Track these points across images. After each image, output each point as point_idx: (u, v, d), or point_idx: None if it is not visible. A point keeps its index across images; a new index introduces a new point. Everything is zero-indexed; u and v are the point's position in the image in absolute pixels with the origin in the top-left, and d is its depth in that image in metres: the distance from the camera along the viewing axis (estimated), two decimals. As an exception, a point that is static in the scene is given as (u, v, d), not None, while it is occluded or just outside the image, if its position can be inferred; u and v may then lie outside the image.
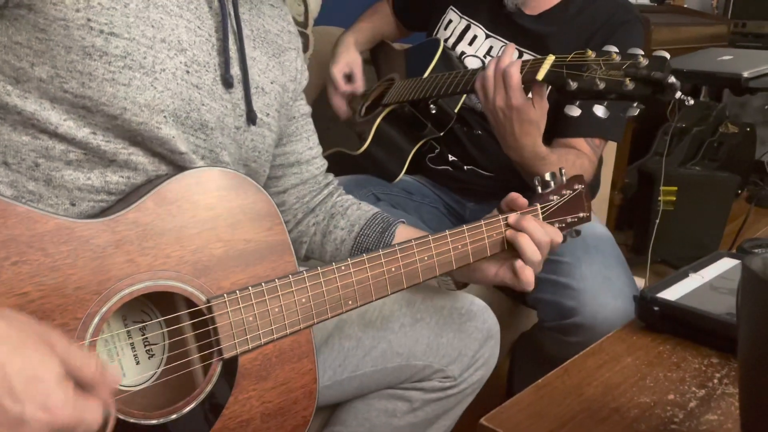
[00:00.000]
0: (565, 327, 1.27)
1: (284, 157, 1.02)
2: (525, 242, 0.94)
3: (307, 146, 1.04)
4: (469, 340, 1.07)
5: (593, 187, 1.57)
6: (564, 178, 1.05)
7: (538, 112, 1.15)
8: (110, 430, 0.59)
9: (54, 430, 0.54)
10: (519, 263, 0.94)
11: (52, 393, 0.54)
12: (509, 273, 0.97)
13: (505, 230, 0.97)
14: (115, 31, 0.73)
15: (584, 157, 1.34)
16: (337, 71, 1.64)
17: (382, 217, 1.04)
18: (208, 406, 0.75)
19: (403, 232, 1.02)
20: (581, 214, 1.07)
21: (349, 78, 1.66)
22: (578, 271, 1.28)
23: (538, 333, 1.46)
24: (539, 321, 1.40)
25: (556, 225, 1.02)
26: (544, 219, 1.01)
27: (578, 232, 1.07)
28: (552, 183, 1.03)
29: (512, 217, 0.96)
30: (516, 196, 0.98)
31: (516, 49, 1.46)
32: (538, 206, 1.00)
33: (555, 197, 1.02)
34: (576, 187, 1.05)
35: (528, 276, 0.94)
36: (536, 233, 0.94)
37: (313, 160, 1.06)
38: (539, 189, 1.03)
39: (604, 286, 1.25)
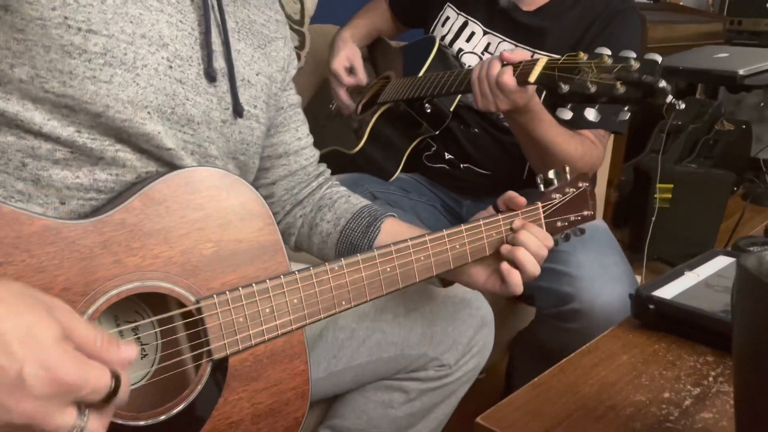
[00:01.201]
0: (563, 313, 1.28)
1: (272, 149, 1.00)
2: (525, 258, 0.92)
3: (296, 137, 1.03)
4: (463, 328, 1.07)
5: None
6: (568, 176, 1.04)
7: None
8: (124, 395, 0.55)
9: (56, 391, 0.50)
10: (505, 266, 0.93)
11: (51, 351, 0.50)
12: (498, 282, 0.96)
13: (506, 232, 0.95)
14: (93, 28, 0.72)
15: (588, 141, 1.34)
16: (338, 65, 1.64)
17: (369, 211, 1.02)
18: (197, 408, 0.74)
19: (391, 226, 1.00)
20: (585, 213, 1.05)
21: (350, 71, 1.66)
22: (575, 259, 1.28)
23: (536, 324, 1.47)
24: (537, 309, 1.40)
25: (559, 223, 1.01)
26: (546, 217, 1.00)
27: (582, 231, 1.06)
28: (555, 181, 1.02)
29: (516, 224, 0.95)
30: (514, 195, 0.97)
31: (513, 44, 1.46)
32: (539, 204, 0.99)
33: (557, 195, 1.01)
34: (580, 185, 1.04)
35: (515, 279, 0.92)
36: (538, 249, 0.93)
37: (302, 151, 1.04)
38: (542, 187, 1.01)
39: (601, 272, 1.26)
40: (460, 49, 1.53)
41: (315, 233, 1.03)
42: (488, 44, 1.50)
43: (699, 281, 1.02)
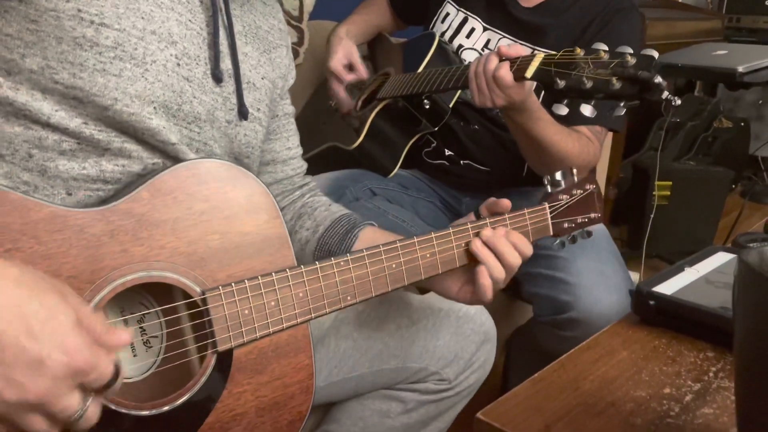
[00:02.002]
0: (561, 322, 1.27)
1: (260, 155, 0.99)
2: (492, 263, 0.90)
3: (286, 146, 1.03)
4: (465, 343, 1.07)
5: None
6: (575, 178, 1.03)
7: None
8: (119, 383, 0.58)
9: (70, 374, 0.53)
10: (481, 270, 0.89)
11: (69, 334, 0.53)
12: (470, 292, 0.93)
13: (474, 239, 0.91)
14: (105, 21, 0.73)
15: (584, 137, 1.34)
16: (336, 64, 1.63)
17: (348, 219, 1.00)
18: (201, 399, 0.74)
19: (370, 235, 0.98)
20: (592, 215, 1.05)
21: (349, 68, 1.65)
22: (573, 266, 1.28)
23: (534, 327, 1.47)
24: (534, 315, 1.40)
25: (566, 225, 1.01)
26: (552, 219, 1.00)
27: (589, 234, 1.05)
28: (562, 182, 1.02)
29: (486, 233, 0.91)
30: (496, 200, 0.94)
31: (513, 41, 1.46)
32: (546, 205, 0.99)
33: (565, 197, 1.01)
34: (587, 187, 1.04)
35: (486, 286, 0.89)
36: (510, 257, 0.90)
37: (290, 161, 1.04)
38: (549, 188, 1.01)
39: (600, 281, 1.26)
40: (461, 46, 1.53)
41: (294, 241, 1.01)
42: (488, 40, 1.50)
43: (699, 277, 1.02)
